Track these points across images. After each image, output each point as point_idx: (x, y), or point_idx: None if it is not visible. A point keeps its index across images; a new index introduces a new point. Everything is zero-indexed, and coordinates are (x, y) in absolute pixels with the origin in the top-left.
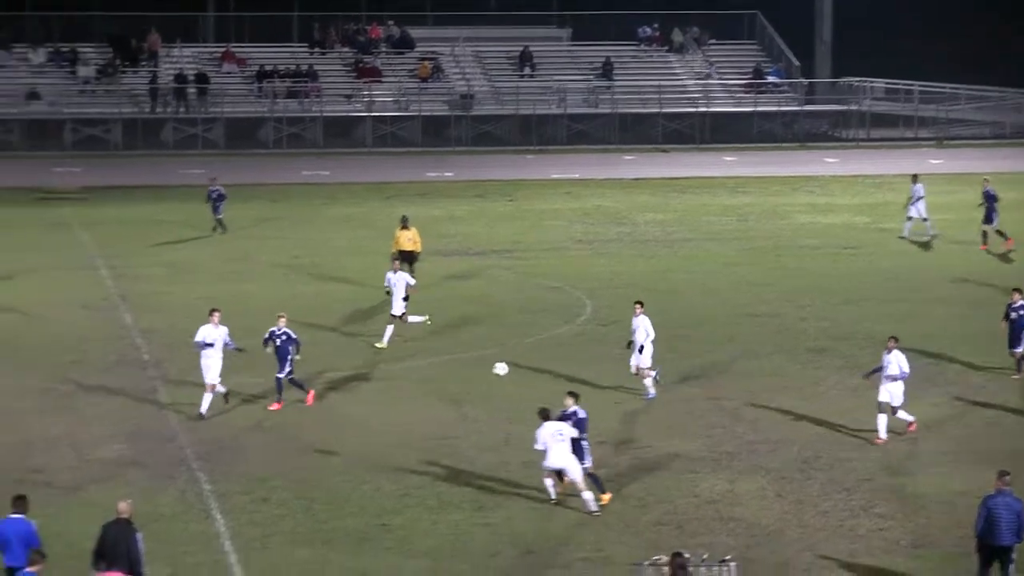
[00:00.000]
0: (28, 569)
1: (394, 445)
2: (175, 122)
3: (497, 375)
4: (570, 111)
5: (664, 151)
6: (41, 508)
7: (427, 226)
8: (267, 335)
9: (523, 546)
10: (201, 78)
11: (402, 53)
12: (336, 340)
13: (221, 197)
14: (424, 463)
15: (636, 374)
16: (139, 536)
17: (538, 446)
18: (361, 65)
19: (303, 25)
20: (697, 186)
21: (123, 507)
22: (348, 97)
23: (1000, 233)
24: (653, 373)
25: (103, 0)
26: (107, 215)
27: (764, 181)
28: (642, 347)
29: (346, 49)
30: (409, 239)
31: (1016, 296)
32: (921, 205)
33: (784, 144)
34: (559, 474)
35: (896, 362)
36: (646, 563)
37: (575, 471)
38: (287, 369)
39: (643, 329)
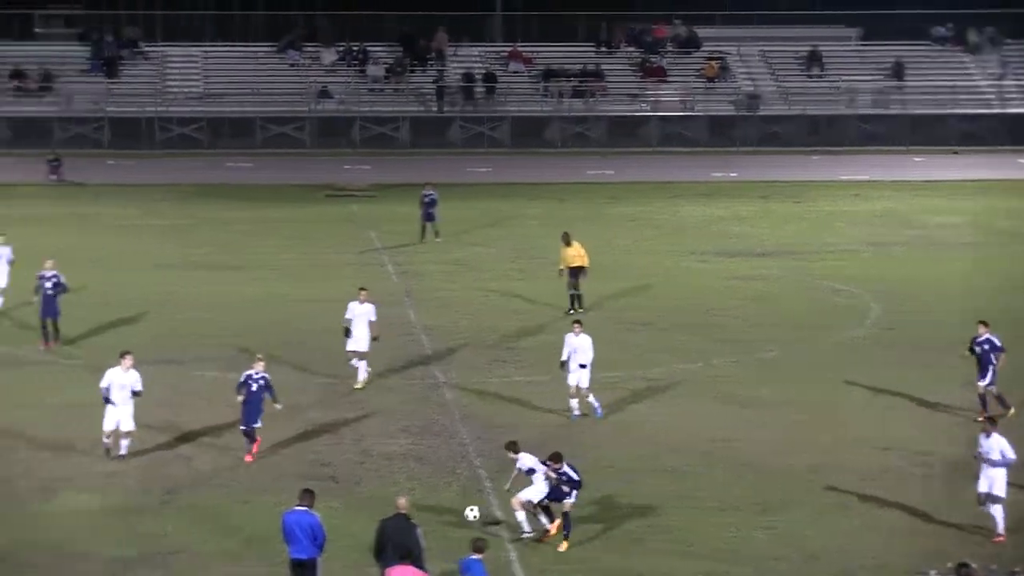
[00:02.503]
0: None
1: (674, 446)
2: (462, 121)
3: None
4: (859, 111)
5: (955, 152)
6: (325, 501)
7: (710, 226)
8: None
9: (806, 551)
10: (488, 77)
11: (688, 53)
12: (618, 339)
13: (434, 202)
14: (704, 465)
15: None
16: (419, 531)
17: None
18: (647, 65)
19: (590, 25)
20: (989, 189)
21: (402, 502)
22: (633, 97)
23: None
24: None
25: (393, 1)
26: (394, 212)
27: None
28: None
29: (632, 49)
30: (576, 255)
31: (981, 329)
32: None
33: None
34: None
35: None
36: (932, 572)
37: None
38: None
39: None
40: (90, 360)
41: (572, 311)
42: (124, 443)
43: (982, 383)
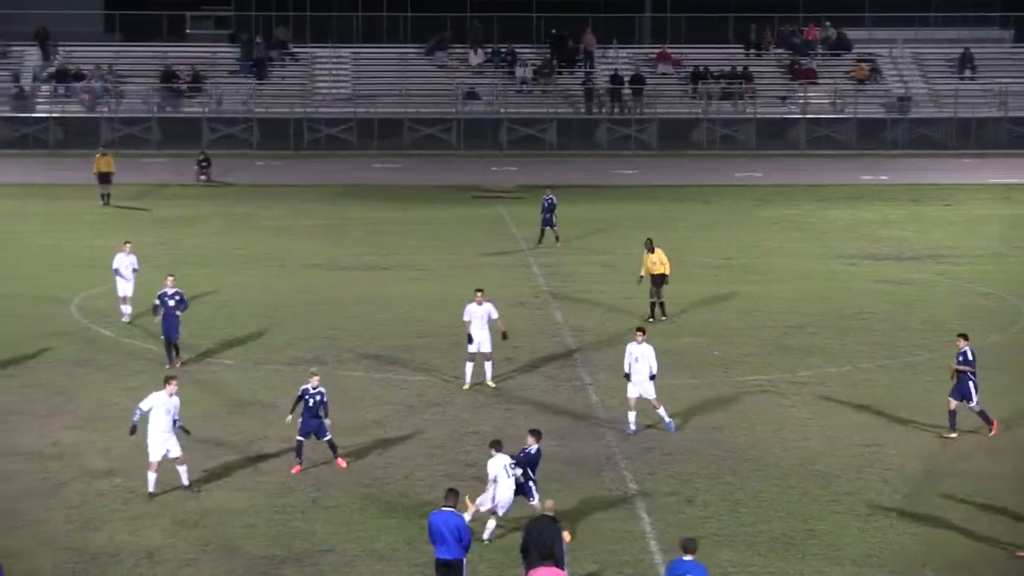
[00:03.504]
0: None
1: (821, 450)
2: (609, 123)
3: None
4: (1012, 114)
5: None
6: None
7: (859, 229)
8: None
9: (951, 559)
10: (636, 79)
11: (838, 55)
12: (770, 341)
13: (553, 206)
14: (851, 469)
15: None
16: (565, 534)
17: (491, 475)
18: (796, 67)
19: (739, 26)
20: None
21: (548, 504)
22: (782, 99)
23: None
24: None
25: (541, 2)
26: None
27: None
28: None
29: (781, 50)
30: (658, 262)
31: (961, 342)
32: None
33: None
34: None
35: None
36: None
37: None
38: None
39: None
40: (244, 361)
41: (653, 319)
42: (182, 471)
43: (969, 404)
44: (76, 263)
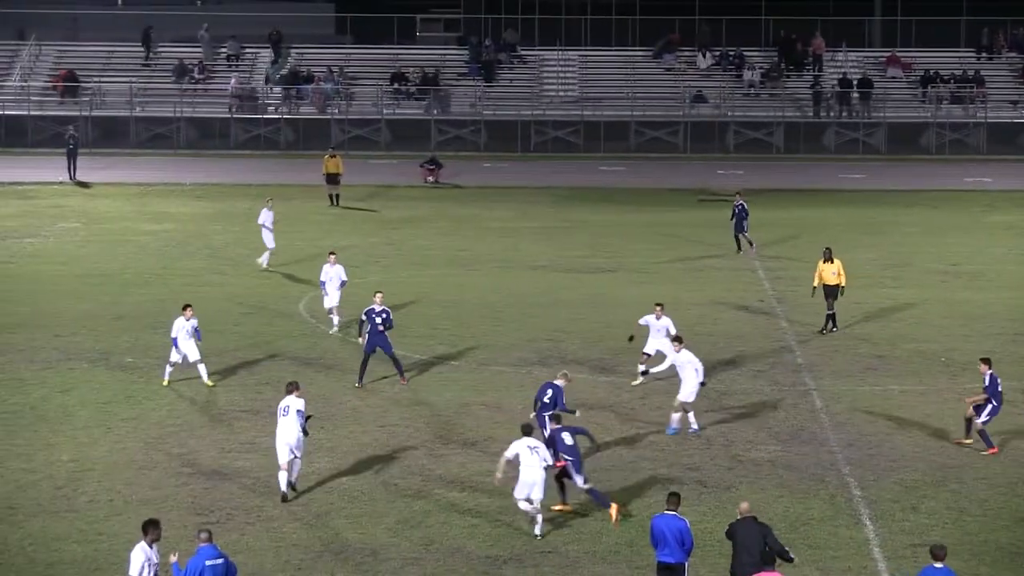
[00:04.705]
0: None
1: None
2: (837, 126)
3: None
4: None
5: None
6: (693, 506)
7: None
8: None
9: None
10: (865, 82)
11: None
12: (999, 348)
13: (745, 212)
14: None
15: None
16: (768, 528)
17: (508, 454)
18: None
19: (971, 30)
20: None
21: (744, 507)
22: (1014, 103)
23: None
24: None
25: (770, 5)
26: (767, 217)
27: None
28: None
29: (1014, 54)
30: (833, 272)
31: (984, 368)
32: None
33: None
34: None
35: None
36: None
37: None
38: None
39: None
40: (470, 362)
41: (825, 331)
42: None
43: (981, 420)
44: (306, 263)
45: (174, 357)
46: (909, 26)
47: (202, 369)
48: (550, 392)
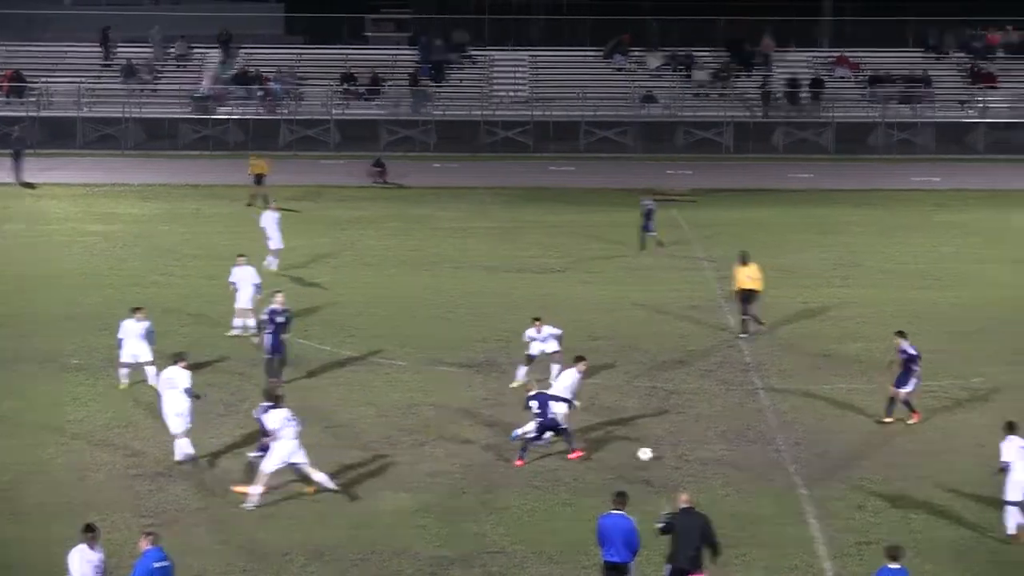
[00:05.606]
0: None
1: (994, 457)
2: (786, 126)
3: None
4: None
5: None
6: (639, 506)
7: None
8: None
9: None
10: (814, 82)
11: (1020, 59)
12: (944, 347)
13: (651, 213)
14: None
15: None
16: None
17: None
18: (976, 71)
19: (919, 30)
20: None
21: (684, 498)
22: (961, 103)
23: None
24: None
25: (720, 5)
26: (715, 217)
27: None
28: None
29: (961, 54)
30: (749, 277)
31: (900, 340)
32: None
33: None
34: None
35: None
36: None
37: None
38: None
39: None
40: (417, 362)
41: (745, 335)
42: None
43: (904, 390)
44: (256, 264)
45: (124, 359)
46: (858, 26)
47: (150, 372)
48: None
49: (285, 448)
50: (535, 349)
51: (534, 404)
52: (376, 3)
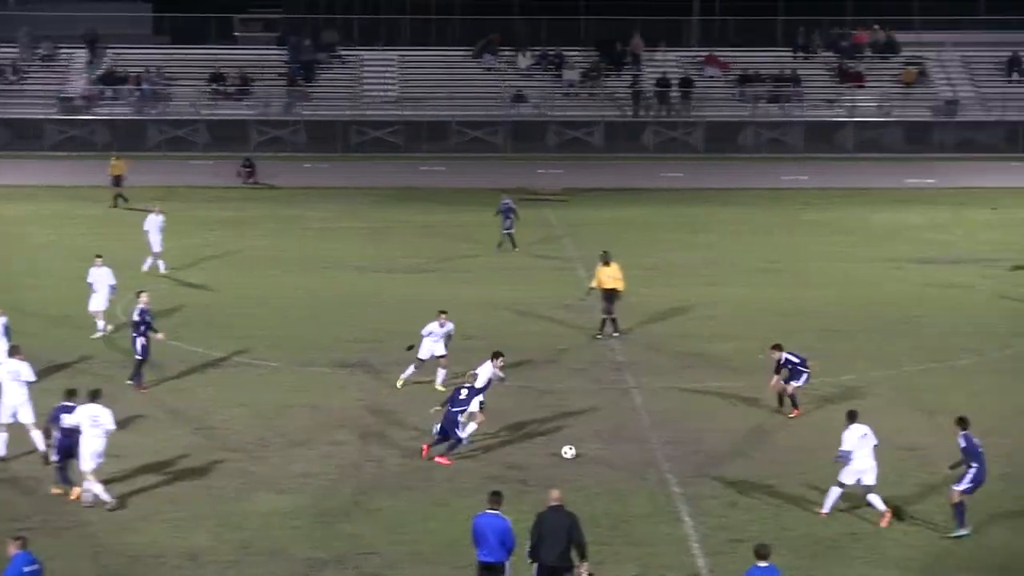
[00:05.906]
0: None
1: None
2: (656, 126)
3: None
4: None
5: None
6: (515, 505)
7: (905, 233)
8: None
9: (996, 565)
10: (684, 82)
11: (887, 58)
12: (814, 345)
13: (510, 211)
14: (894, 473)
15: None
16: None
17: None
18: (844, 70)
19: (787, 29)
20: None
21: (555, 495)
22: (830, 102)
23: None
24: None
25: (589, 5)
26: (587, 217)
27: None
28: None
29: (829, 54)
30: (611, 276)
31: (776, 353)
32: None
33: None
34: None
35: None
36: None
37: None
38: None
39: None
40: (289, 363)
41: (601, 335)
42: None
43: (794, 384)
44: (121, 267)
45: None
46: (727, 25)
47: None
48: (464, 392)
49: (94, 444)
50: (425, 352)
51: (464, 394)
52: (244, 2)
